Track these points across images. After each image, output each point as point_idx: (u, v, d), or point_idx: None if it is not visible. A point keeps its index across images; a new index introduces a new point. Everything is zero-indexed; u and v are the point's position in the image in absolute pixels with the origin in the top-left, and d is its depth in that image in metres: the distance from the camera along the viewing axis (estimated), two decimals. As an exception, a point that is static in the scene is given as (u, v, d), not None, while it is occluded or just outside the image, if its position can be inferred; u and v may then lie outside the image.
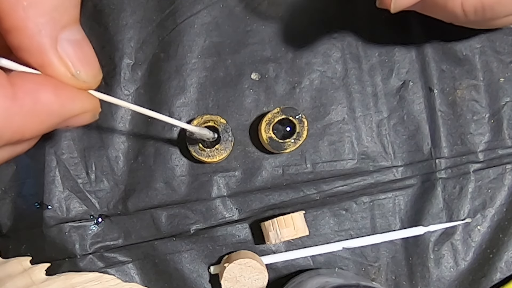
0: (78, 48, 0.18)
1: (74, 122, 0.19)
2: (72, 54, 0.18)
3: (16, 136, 0.17)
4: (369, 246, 0.35)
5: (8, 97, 0.16)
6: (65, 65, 0.18)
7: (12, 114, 0.16)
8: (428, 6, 0.28)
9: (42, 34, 0.17)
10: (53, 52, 0.17)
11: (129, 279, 0.34)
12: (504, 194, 0.35)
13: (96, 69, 0.19)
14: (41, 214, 0.34)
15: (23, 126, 0.17)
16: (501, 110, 0.35)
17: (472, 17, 0.27)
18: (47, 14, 0.17)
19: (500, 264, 0.35)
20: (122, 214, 0.34)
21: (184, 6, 0.35)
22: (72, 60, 0.18)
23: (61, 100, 0.17)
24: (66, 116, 0.18)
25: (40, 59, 0.17)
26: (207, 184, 0.35)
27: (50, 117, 0.17)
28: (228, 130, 0.32)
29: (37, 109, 0.17)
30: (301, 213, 0.33)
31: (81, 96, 0.19)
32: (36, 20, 0.17)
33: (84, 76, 0.18)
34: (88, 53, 0.19)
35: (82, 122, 0.19)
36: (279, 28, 0.35)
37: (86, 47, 0.19)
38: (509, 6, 0.26)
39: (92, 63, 0.19)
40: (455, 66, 0.35)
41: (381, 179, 0.35)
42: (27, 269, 0.33)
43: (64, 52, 0.18)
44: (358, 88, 0.35)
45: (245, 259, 0.32)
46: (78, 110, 0.18)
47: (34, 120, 0.17)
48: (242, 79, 0.35)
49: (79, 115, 0.19)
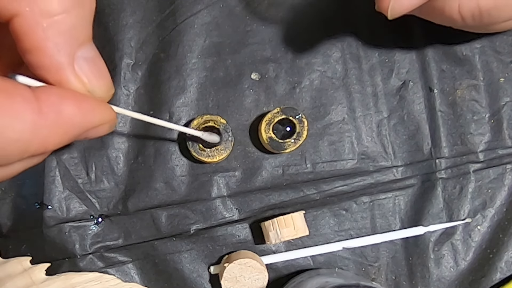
0: (93, 65, 0.19)
1: (93, 133, 0.19)
2: (88, 71, 0.19)
3: (41, 148, 0.18)
4: (369, 246, 0.35)
5: (35, 111, 0.17)
6: (82, 82, 0.19)
7: (39, 127, 0.17)
8: (426, 11, 0.29)
9: (60, 53, 0.18)
10: (70, 70, 0.18)
11: (129, 279, 0.34)
12: (504, 194, 0.35)
13: (109, 83, 0.20)
14: (41, 214, 0.34)
15: (48, 138, 0.17)
16: (501, 110, 0.35)
17: (470, 22, 0.28)
18: (65, 34, 0.18)
19: (500, 264, 0.35)
20: (122, 214, 0.34)
21: (184, 6, 0.35)
22: (88, 77, 0.19)
23: (83, 112, 0.18)
24: (87, 127, 0.19)
25: (58, 76, 0.18)
26: (207, 184, 0.35)
27: (72, 129, 0.18)
28: (228, 130, 0.32)
29: (61, 121, 0.17)
30: (301, 213, 0.33)
31: (101, 108, 0.19)
32: (55, 40, 0.17)
33: (98, 91, 0.19)
34: (102, 69, 0.20)
35: (100, 133, 0.20)
36: (279, 28, 0.35)
37: (99, 63, 0.20)
38: (506, 11, 0.27)
39: (105, 78, 0.20)
40: (455, 66, 0.35)
41: (381, 179, 0.35)
42: (27, 269, 0.33)
43: (81, 69, 0.19)
44: (358, 88, 0.35)
45: (245, 259, 0.32)
46: (98, 122, 0.19)
47: (58, 132, 0.18)
48: (242, 79, 0.35)
49: (98, 126, 0.19)
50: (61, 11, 0.17)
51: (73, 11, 0.18)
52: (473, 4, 0.26)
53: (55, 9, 0.17)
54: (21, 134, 0.16)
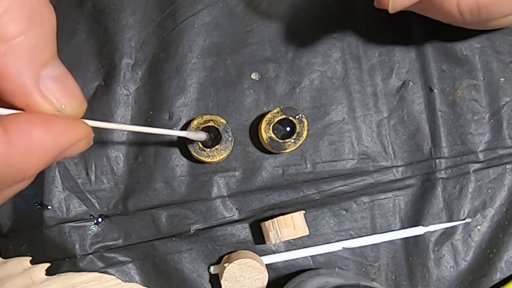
0: (60, 83, 0.18)
1: (71, 152, 0.19)
2: (55, 90, 0.18)
3: (19, 177, 0.17)
4: (369, 246, 0.35)
5: (4, 142, 0.16)
6: (50, 103, 0.18)
7: (11, 158, 0.16)
8: (425, 6, 0.29)
9: (24, 77, 0.17)
10: (37, 92, 0.18)
11: (129, 279, 0.34)
12: (504, 194, 0.35)
13: (80, 100, 0.19)
14: (41, 214, 0.34)
15: (23, 166, 0.17)
16: (501, 110, 0.35)
17: (468, 18, 0.28)
18: (26, 56, 0.17)
19: (500, 264, 0.35)
20: (122, 214, 0.34)
21: (184, 6, 0.35)
22: (56, 96, 0.18)
23: (54, 135, 0.18)
24: (62, 149, 0.18)
25: (25, 100, 0.18)
26: (207, 184, 0.35)
27: (46, 153, 0.18)
28: (228, 130, 0.32)
29: (33, 148, 0.17)
30: (301, 213, 0.33)
31: (73, 127, 0.19)
32: (16, 63, 0.17)
33: (69, 109, 0.19)
34: (70, 86, 0.19)
35: (78, 151, 0.19)
36: (279, 28, 0.35)
37: (68, 80, 0.19)
38: (504, 7, 0.27)
39: (75, 95, 0.19)
40: (455, 66, 0.35)
41: (381, 179, 0.35)
42: (27, 269, 0.33)
43: (47, 89, 0.18)
44: (358, 88, 0.35)
45: (245, 259, 0.32)
46: (72, 141, 0.19)
47: (32, 159, 0.17)
48: (242, 79, 0.35)
49: (74, 145, 0.19)
50: (18, 34, 0.16)
51: (31, 31, 0.17)
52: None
53: (11, 33, 0.16)
54: None
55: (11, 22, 0.16)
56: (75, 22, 0.35)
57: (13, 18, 0.16)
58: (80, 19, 0.35)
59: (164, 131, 0.27)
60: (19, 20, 0.16)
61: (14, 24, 0.16)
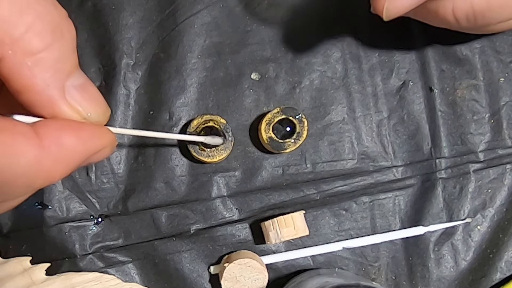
0: (84, 91, 0.19)
1: (96, 158, 0.20)
2: (80, 99, 0.19)
3: (47, 181, 0.18)
4: (369, 246, 0.35)
5: (37, 146, 0.17)
6: (76, 111, 0.19)
7: (42, 162, 0.17)
8: (421, 13, 0.29)
9: (50, 88, 0.18)
10: (63, 102, 0.18)
11: (129, 279, 0.34)
12: (504, 194, 0.35)
13: (104, 106, 0.20)
14: (41, 214, 0.34)
15: (52, 171, 0.18)
16: (501, 110, 0.35)
17: (464, 24, 0.28)
18: (52, 68, 0.18)
19: (500, 264, 0.35)
20: (122, 214, 0.34)
21: (184, 6, 0.35)
22: (82, 105, 0.19)
23: (83, 140, 0.18)
24: (89, 154, 0.19)
25: (52, 110, 0.18)
26: (207, 184, 0.35)
27: (75, 158, 0.18)
28: (228, 130, 0.32)
29: (63, 153, 0.18)
30: (301, 213, 0.33)
31: (100, 133, 0.19)
32: (42, 76, 0.18)
33: (94, 116, 0.19)
34: (93, 94, 0.20)
35: (102, 157, 0.20)
36: (279, 28, 0.35)
37: (91, 88, 0.20)
38: (500, 13, 0.27)
39: (99, 102, 0.20)
40: (455, 66, 0.35)
41: (381, 179, 0.35)
42: (27, 269, 0.33)
43: (73, 99, 0.19)
44: (358, 88, 0.35)
45: (245, 259, 0.32)
46: (99, 147, 0.19)
47: (61, 164, 0.18)
48: (242, 79, 0.35)
49: (100, 151, 0.19)
50: (42, 48, 0.17)
51: (55, 44, 0.18)
52: (467, 6, 0.26)
53: (36, 47, 0.17)
54: (26, 170, 0.17)
55: (36, 37, 0.17)
56: (75, 22, 0.34)
57: (37, 33, 0.17)
58: (80, 19, 0.35)
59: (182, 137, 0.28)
60: (43, 35, 0.17)
61: (39, 39, 0.17)
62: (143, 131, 0.25)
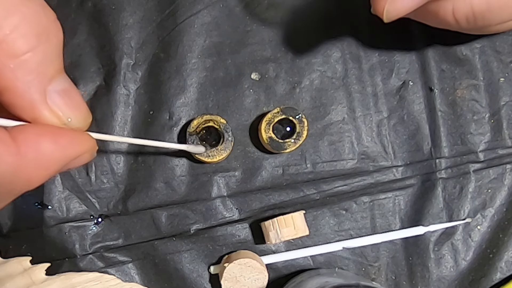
0: (67, 97, 0.19)
1: (75, 163, 0.19)
2: (62, 104, 0.19)
3: (25, 187, 0.18)
4: (369, 246, 0.35)
5: (13, 153, 0.17)
6: (57, 116, 0.19)
7: (19, 169, 0.17)
8: (421, 14, 0.29)
9: (31, 91, 0.18)
10: (44, 106, 0.18)
11: (129, 279, 0.34)
12: (504, 194, 0.35)
13: (85, 113, 0.20)
14: (41, 214, 0.34)
15: (31, 178, 0.18)
16: (501, 110, 0.35)
17: (464, 25, 0.28)
18: (34, 71, 0.18)
19: (500, 264, 0.35)
20: (122, 214, 0.34)
21: (184, 6, 0.35)
22: (62, 110, 0.19)
23: (61, 146, 0.18)
24: (68, 160, 0.19)
25: (32, 114, 0.18)
26: (207, 184, 0.35)
27: (53, 164, 0.18)
28: (228, 130, 0.32)
29: (41, 159, 0.17)
30: (301, 213, 0.33)
31: (79, 139, 0.19)
32: (24, 79, 0.17)
33: (75, 122, 0.19)
34: (76, 100, 0.19)
35: (82, 162, 0.20)
36: (279, 28, 0.35)
37: (73, 94, 0.19)
38: (500, 14, 0.27)
39: (81, 108, 0.20)
40: (455, 66, 0.35)
41: (381, 179, 0.35)
42: (27, 269, 0.33)
43: (54, 103, 0.18)
44: (358, 88, 0.35)
45: (245, 259, 0.32)
46: (78, 153, 0.19)
47: (39, 170, 0.18)
48: (242, 79, 0.35)
49: (79, 156, 0.19)
50: (26, 50, 0.17)
51: (40, 47, 0.17)
52: (467, 7, 0.26)
53: (20, 49, 0.17)
54: (3, 177, 0.16)
55: (20, 38, 0.17)
56: (75, 22, 0.35)
57: (22, 35, 0.17)
58: (80, 19, 0.35)
59: (164, 144, 0.28)
60: (28, 37, 0.17)
61: (23, 41, 0.17)
62: (124, 138, 0.25)
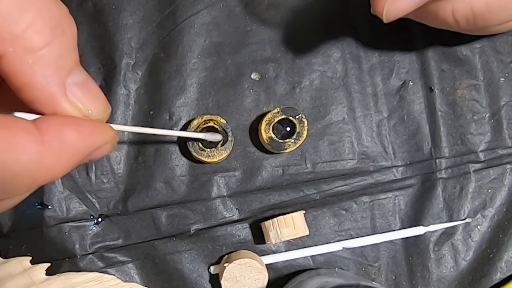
0: (85, 89, 0.19)
1: (97, 154, 0.20)
2: (81, 96, 0.19)
3: (49, 177, 0.18)
4: (369, 246, 0.35)
5: (38, 142, 0.17)
6: (77, 108, 0.19)
7: (44, 158, 0.17)
8: (421, 14, 0.29)
9: (51, 85, 0.18)
10: (64, 99, 0.18)
11: (129, 279, 0.34)
12: (504, 194, 0.35)
13: (104, 103, 0.20)
14: (41, 214, 0.34)
15: (54, 167, 0.18)
16: (501, 110, 0.35)
17: (464, 26, 0.28)
18: (52, 65, 0.18)
19: (500, 264, 0.35)
20: (122, 214, 0.34)
21: (184, 6, 0.35)
22: (82, 102, 0.19)
23: (84, 136, 0.18)
24: (91, 150, 0.19)
25: (53, 107, 0.18)
26: (207, 184, 0.35)
27: (76, 154, 0.18)
28: (228, 130, 0.32)
29: (64, 149, 0.18)
30: (301, 213, 0.33)
31: (101, 129, 0.19)
32: (43, 73, 0.18)
33: (95, 113, 0.19)
34: (94, 91, 0.20)
35: (104, 153, 0.20)
36: (279, 28, 0.35)
37: (91, 86, 0.20)
38: (499, 15, 0.27)
39: (100, 99, 0.20)
40: (455, 66, 0.35)
41: (381, 179, 0.35)
42: (27, 269, 0.33)
43: (74, 96, 0.19)
44: (358, 88, 0.35)
45: (245, 259, 0.32)
46: (100, 143, 0.19)
47: (63, 160, 0.18)
48: (242, 79, 0.35)
49: (101, 147, 0.19)
50: (43, 45, 0.17)
51: (55, 42, 0.18)
52: (467, 8, 0.26)
53: (37, 44, 0.17)
54: (27, 166, 0.17)
55: (36, 34, 0.17)
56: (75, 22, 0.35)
57: (38, 30, 0.17)
58: (80, 19, 0.35)
59: (182, 134, 0.29)
60: (43, 32, 0.17)
61: (39, 36, 0.17)
62: (144, 128, 0.25)
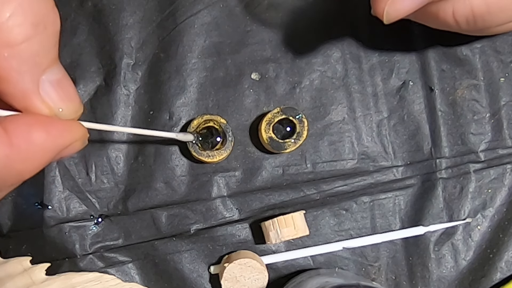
0: (59, 87, 0.19)
1: (66, 152, 0.19)
2: (54, 94, 0.19)
3: (18, 179, 0.18)
4: (369, 246, 0.35)
5: (6, 144, 0.16)
6: (48, 107, 0.18)
7: (12, 160, 0.17)
8: (421, 16, 0.29)
9: (24, 81, 0.18)
10: (36, 96, 0.18)
11: (129, 279, 0.34)
12: (504, 194, 0.35)
13: (77, 104, 0.20)
14: (41, 214, 0.34)
15: (23, 168, 0.17)
16: (502, 110, 0.35)
17: (464, 27, 0.28)
18: (29, 61, 0.17)
19: (500, 264, 0.35)
20: (122, 214, 0.34)
21: (184, 6, 0.35)
22: (54, 100, 0.19)
23: (53, 136, 0.18)
24: (59, 149, 0.19)
25: (24, 103, 0.18)
26: (207, 184, 0.35)
27: (45, 154, 0.18)
28: (228, 130, 0.32)
29: (33, 149, 0.17)
30: (301, 213, 0.33)
31: (70, 128, 0.19)
32: (18, 68, 0.17)
33: (66, 113, 0.19)
34: (68, 90, 0.19)
35: (73, 151, 0.20)
36: (279, 28, 0.35)
37: (66, 84, 0.19)
38: (500, 16, 0.27)
39: (73, 99, 0.20)
40: (455, 66, 0.35)
41: (381, 179, 0.35)
42: (27, 269, 0.33)
43: (46, 94, 0.18)
44: (358, 88, 0.35)
45: (245, 259, 0.32)
46: (69, 141, 0.19)
47: (31, 160, 0.17)
48: (242, 79, 0.35)
49: (70, 145, 0.19)
50: (22, 40, 0.17)
51: (35, 37, 0.17)
52: (467, 9, 0.26)
53: (15, 38, 0.17)
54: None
55: (16, 27, 0.17)
56: (75, 22, 0.35)
57: (18, 23, 0.17)
58: (80, 19, 0.35)
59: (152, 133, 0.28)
60: (24, 26, 0.17)
61: (19, 30, 0.17)
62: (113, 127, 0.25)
